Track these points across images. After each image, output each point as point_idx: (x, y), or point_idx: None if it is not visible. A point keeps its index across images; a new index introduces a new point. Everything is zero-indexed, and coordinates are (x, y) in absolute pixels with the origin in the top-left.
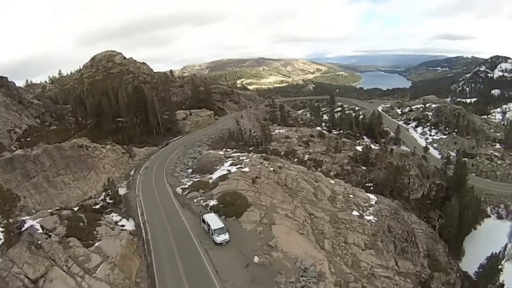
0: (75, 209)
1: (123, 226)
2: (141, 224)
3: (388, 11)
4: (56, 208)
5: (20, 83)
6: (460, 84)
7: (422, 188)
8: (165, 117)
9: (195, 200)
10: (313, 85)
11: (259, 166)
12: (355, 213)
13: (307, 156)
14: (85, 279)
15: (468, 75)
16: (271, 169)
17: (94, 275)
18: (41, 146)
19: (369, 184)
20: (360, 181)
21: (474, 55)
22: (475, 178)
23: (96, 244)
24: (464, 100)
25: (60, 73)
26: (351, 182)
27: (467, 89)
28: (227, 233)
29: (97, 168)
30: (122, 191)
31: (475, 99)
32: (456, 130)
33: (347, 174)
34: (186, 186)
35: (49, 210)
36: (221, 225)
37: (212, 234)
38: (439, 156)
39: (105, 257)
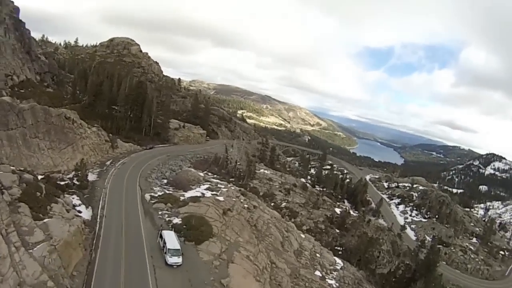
0: (40, 177)
1: (79, 212)
2: (98, 217)
3: (400, 86)
4: (20, 168)
5: (37, 35)
6: (451, 173)
7: (390, 265)
8: (159, 121)
9: (160, 212)
10: (309, 137)
11: (234, 199)
12: (318, 273)
13: (284, 203)
14: (19, 251)
15: (461, 166)
16: (246, 205)
17: (31, 251)
18: (31, 102)
19: (339, 248)
20: (330, 242)
21: (471, 148)
22: (445, 266)
23: (45, 220)
24: (450, 189)
25: (76, 42)
26: (321, 241)
27: (456, 179)
28: (181, 256)
29: (76, 145)
30: (92, 177)
31: (461, 190)
32: (437, 216)
33: (319, 232)
34: (156, 195)
35: (12, 167)
36: (177, 246)
37: (166, 253)
38: (414, 238)
39: (48, 237)
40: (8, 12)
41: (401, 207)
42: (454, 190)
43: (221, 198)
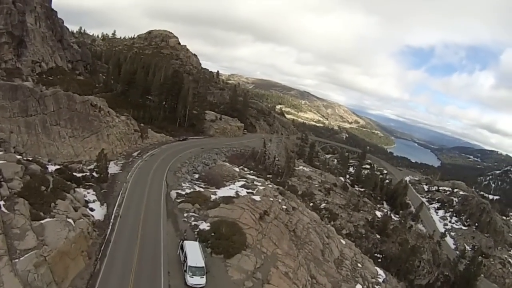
0: (55, 167)
1: (91, 210)
2: (112, 217)
3: (440, 87)
4: (29, 158)
5: (74, 28)
6: (488, 178)
7: (430, 276)
8: (194, 112)
9: (185, 214)
10: (347, 135)
11: (271, 199)
12: (359, 287)
13: (324, 204)
14: (1, 261)
15: (498, 172)
16: (284, 206)
17: (16, 261)
18: (57, 89)
19: (379, 255)
20: (370, 249)
21: (508, 153)
22: (482, 279)
23: (42, 221)
24: (487, 195)
25: (114, 34)
26: (361, 247)
27: (493, 185)
28: (205, 276)
29: (100, 134)
30: (114, 169)
31: (497, 197)
32: (476, 224)
33: (359, 237)
34: (183, 192)
35: (18, 156)
36: (201, 263)
37: (186, 271)
38: (453, 246)
39: (40, 244)
40: (39, 1)
41: (441, 212)
42: (490, 196)
43: (257, 198)
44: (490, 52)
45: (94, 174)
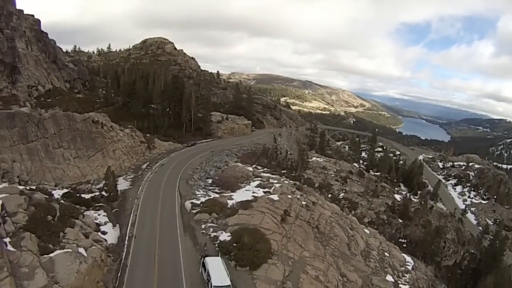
0: (62, 191)
1: (103, 233)
2: (126, 239)
3: (441, 61)
4: (31, 187)
5: (69, 47)
6: (499, 148)
7: (456, 256)
8: (199, 115)
9: (202, 226)
10: (354, 119)
11: (290, 196)
12: (389, 278)
13: (342, 194)
14: None
15: (509, 140)
16: (304, 202)
17: None
18: (55, 110)
19: (403, 241)
20: (394, 235)
21: None
22: (508, 253)
23: (52, 255)
24: (500, 165)
25: (109, 48)
26: (384, 234)
27: (505, 154)
28: None
29: (106, 151)
30: (124, 185)
31: (511, 166)
32: (495, 196)
33: (381, 224)
34: (198, 202)
35: (21, 187)
36: (227, 281)
37: None
38: (475, 222)
39: (51, 282)
40: (28, 25)
41: (459, 188)
42: (504, 166)
43: (275, 197)
44: (486, 21)
45: (104, 193)
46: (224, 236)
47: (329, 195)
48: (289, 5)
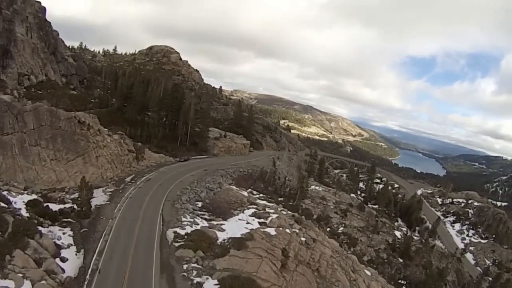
0: (29, 197)
1: (63, 260)
2: (89, 272)
3: (443, 95)
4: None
5: (75, 44)
6: (494, 185)
7: None
8: (197, 129)
9: (184, 266)
10: (351, 148)
11: (288, 231)
12: None
13: (342, 228)
14: None
15: (505, 177)
16: (303, 239)
17: None
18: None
19: (403, 282)
20: (393, 275)
21: None
22: None
23: None
24: (495, 202)
25: (115, 50)
26: (384, 274)
27: (501, 191)
28: None
29: (88, 156)
30: (101, 199)
31: (505, 203)
32: (494, 236)
33: (381, 263)
34: (183, 232)
35: None
36: None
37: None
38: (473, 262)
39: None
40: (32, 11)
41: (457, 226)
42: (498, 203)
43: (272, 231)
44: (490, 58)
45: (75, 206)
46: (210, 285)
47: (328, 229)
48: (299, 30)
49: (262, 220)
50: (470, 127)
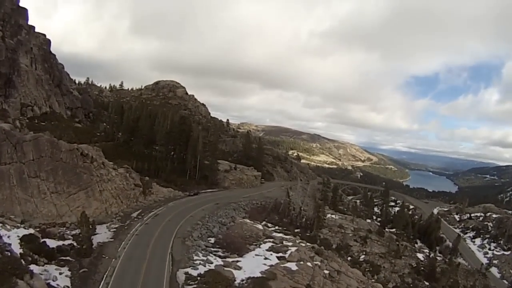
0: (27, 231)
1: None
2: None
3: (449, 111)
4: None
5: (82, 79)
6: (508, 194)
7: None
8: (206, 162)
9: None
10: (361, 174)
11: (309, 264)
12: None
13: (363, 256)
14: None
15: None
16: (326, 271)
17: None
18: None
19: None
20: None
21: None
22: None
23: None
24: (511, 211)
25: (121, 85)
26: None
27: None
28: None
29: (91, 190)
30: (104, 236)
31: None
32: None
33: None
34: (195, 273)
35: None
36: None
37: None
38: (498, 275)
39: None
40: (37, 43)
41: (478, 240)
42: None
43: (293, 266)
44: (492, 68)
45: (75, 243)
46: None
47: (349, 258)
48: (302, 59)
49: (280, 254)
50: (478, 139)
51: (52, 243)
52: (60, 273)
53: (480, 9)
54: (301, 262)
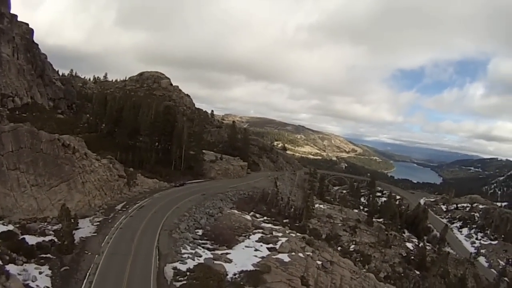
0: (5, 227)
1: None
2: None
3: (433, 105)
4: None
5: (65, 71)
6: (492, 186)
7: None
8: (191, 153)
9: None
10: (346, 164)
11: (301, 255)
12: None
13: (353, 246)
14: None
15: (502, 178)
16: (319, 262)
17: None
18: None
19: None
20: None
21: (508, 158)
22: None
23: None
24: (495, 203)
25: (105, 77)
26: None
27: (499, 192)
28: None
29: (73, 182)
30: (87, 230)
31: (505, 203)
32: (503, 236)
33: (398, 278)
34: (184, 268)
35: None
36: None
37: None
38: (486, 264)
39: None
40: (19, 32)
41: (465, 230)
42: (499, 204)
43: (285, 258)
44: (478, 63)
45: (56, 239)
46: None
47: (339, 248)
48: (288, 51)
49: (271, 245)
50: (463, 132)
51: (32, 239)
52: (40, 273)
53: (468, 8)
54: (293, 253)
